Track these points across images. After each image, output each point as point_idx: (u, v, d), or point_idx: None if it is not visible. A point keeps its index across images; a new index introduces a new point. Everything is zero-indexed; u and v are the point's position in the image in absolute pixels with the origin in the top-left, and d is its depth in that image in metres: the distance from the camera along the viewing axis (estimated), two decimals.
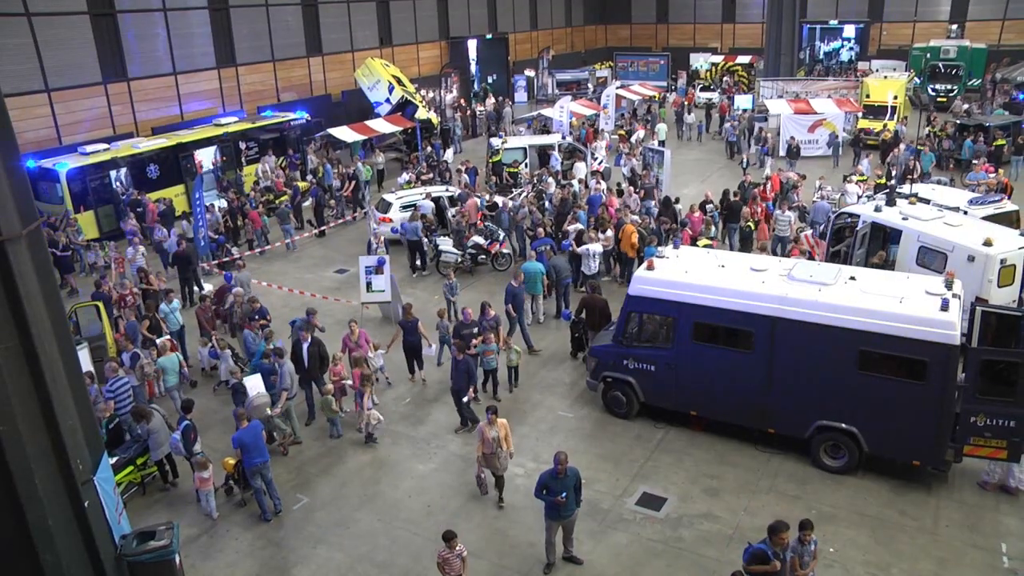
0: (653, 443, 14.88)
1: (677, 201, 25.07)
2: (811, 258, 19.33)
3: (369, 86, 39.23)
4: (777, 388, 13.90)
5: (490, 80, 55.52)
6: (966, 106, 44.95)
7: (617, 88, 44.98)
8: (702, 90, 50.77)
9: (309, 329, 16.05)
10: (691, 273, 14.68)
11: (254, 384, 14.86)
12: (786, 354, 13.67)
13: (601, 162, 31.76)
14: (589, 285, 18.82)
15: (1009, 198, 22.92)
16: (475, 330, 16.36)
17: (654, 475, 13.92)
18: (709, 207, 24.11)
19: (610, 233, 21.60)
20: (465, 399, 15.18)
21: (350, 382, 15.68)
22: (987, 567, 11.84)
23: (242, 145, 32.93)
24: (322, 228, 27.87)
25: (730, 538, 12.42)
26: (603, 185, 26.89)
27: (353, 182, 30.48)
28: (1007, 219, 19.88)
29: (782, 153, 34.60)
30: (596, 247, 20.77)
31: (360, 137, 34.96)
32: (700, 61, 57.89)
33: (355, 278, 21.05)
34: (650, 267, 14.99)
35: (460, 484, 14.00)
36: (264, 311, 18.09)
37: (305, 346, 15.72)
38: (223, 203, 27.54)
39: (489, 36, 55.76)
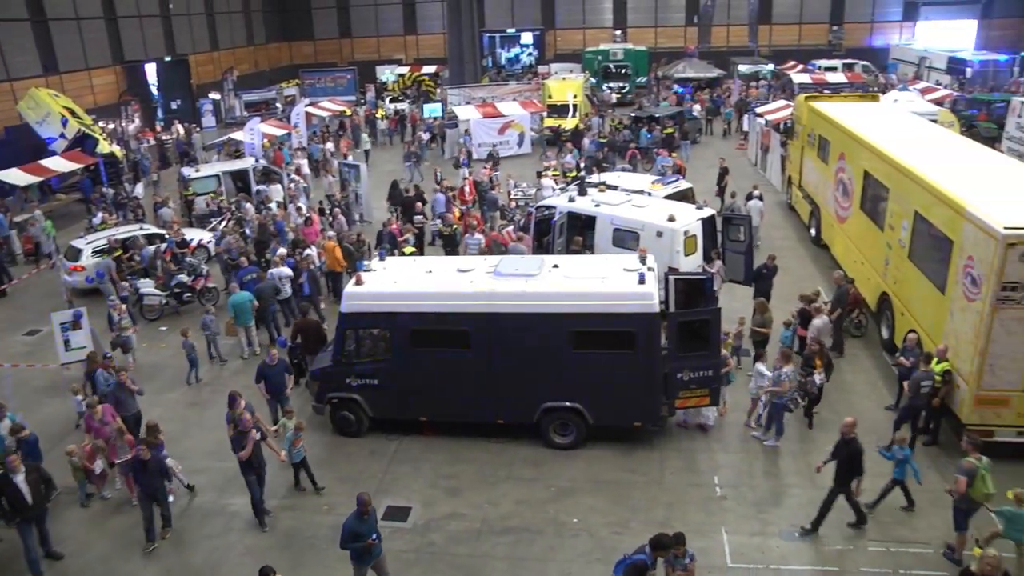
0: (388, 456, 14.62)
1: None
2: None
3: (38, 120, 34.61)
4: (500, 380, 14.21)
5: (174, 106, 51.95)
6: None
7: (306, 106, 44.16)
8: (391, 101, 51.13)
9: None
10: (400, 282, 14.63)
11: None
12: (503, 347, 14.01)
13: (299, 183, 30.90)
14: (300, 308, 18.17)
15: (683, 178, 25.34)
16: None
17: (395, 487, 13.68)
18: (418, 218, 24.25)
19: (310, 252, 20.96)
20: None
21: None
22: (705, 500, 13.14)
23: None
24: (2, 287, 24.43)
25: (479, 532, 12.55)
26: (303, 205, 26.18)
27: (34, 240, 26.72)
28: (684, 196, 21.96)
29: (476, 157, 35.55)
30: (284, 270, 19.72)
31: (35, 179, 30.83)
32: (387, 73, 58.42)
33: (50, 338, 18.56)
34: (359, 282, 14.70)
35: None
36: None
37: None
38: None
39: (168, 58, 52.25)
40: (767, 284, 18.23)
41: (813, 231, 25.14)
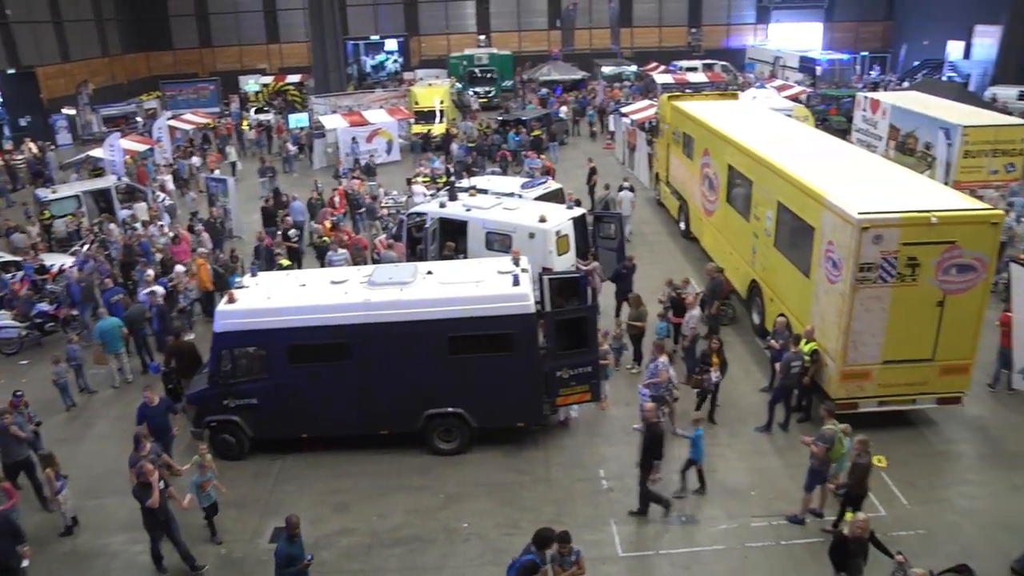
0: (273, 476, 14.31)
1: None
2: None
3: None
4: (381, 391, 14.17)
5: (23, 123, 48.64)
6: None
7: (168, 119, 42.62)
8: (257, 112, 49.87)
9: None
10: (274, 298, 14.35)
11: None
12: (382, 357, 13.97)
13: (164, 200, 29.82)
14: (174, 330, 17.58)
15: (553, 179, 25.82)
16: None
17: (281, 508, 13.32)
18: (293, 232, 23.84)
19: (179, 268, 20.27)
20: None
21: None
22: (593, 493, 13.50)
23: None
24: None
25: (370, 546, 12.48)
26: (165, 224, 25.28)
27: None
28: (555, 197, 22.37)
29: (346, 167, 34.96)
30: (157, 288, 19.08)
31: None
32: (251, 83, 57.00)
33: None
34: (231, 299, 14.34)
35: None
36: None
37: None
38: None
39: (12, 71, 48.81)
40: (627, 284, 18.67)
41: (682, 225, 26.09)
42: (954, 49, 60.88)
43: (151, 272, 20.05)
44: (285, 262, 20.79)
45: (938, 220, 13.48)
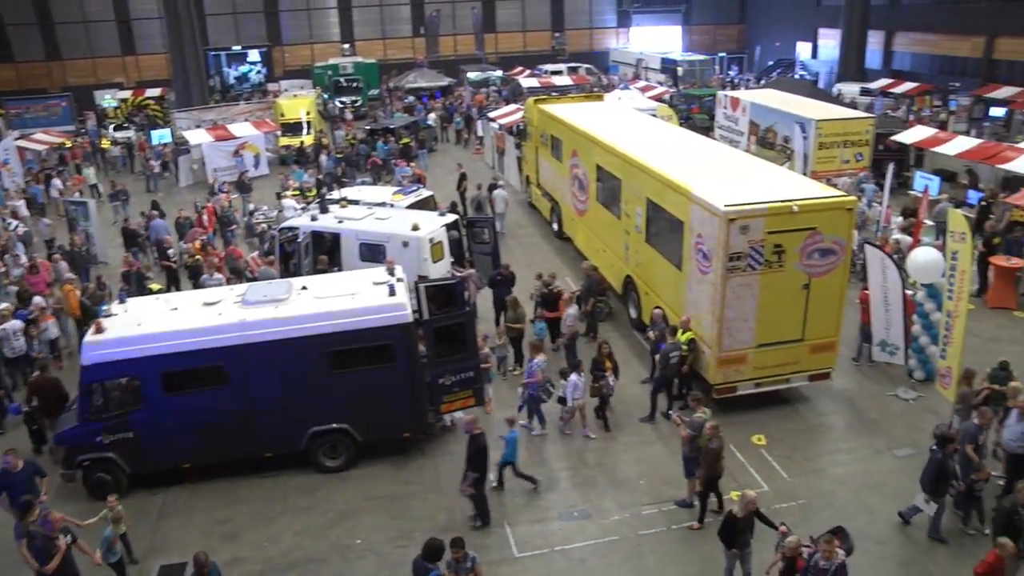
0: (155, 512, 13.74)
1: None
2: (252, 277, 19.74)
3: None
4: (262, 412, 13.89)
5: None
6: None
7: (16, 140, 40.28)
8: (116, 129, 47.62)
9: None
10: (145, 324, 13.80)
11: None
12: (261, 377, 13.71)
13: (17, 227, 28.17)
14: (38, 366, 16.64)
15: (424, 186, 25.88)
16: None
17: (166, 544, 12.92)
18: (171, 251, 23.07)
19: (38, 300, 19.23)
20: None
21: None
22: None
23: None
24: None
25: (262, 573, 12.22)
26: (20, 254, 23.98)
27: None
28: (427, 204, 22.47)
29: (221, 183, 33.92)
30: (14, 323, 17.78)
31: None
32: (107, 98, 54.33)
33: None
34: (99, 329, 13.69)
35: None
36: None
37: None
38: None
39: None
40: (504, 290, 18.81)
41: (555, 226, 26.61)
42: (803, 50, 65.71)
43: (5, 305, 18.88)
44: (155, 286, 20.05)
45: (799, 209, 14.41)
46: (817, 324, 15.35)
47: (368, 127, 41.55)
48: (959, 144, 28.58)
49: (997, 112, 42.63)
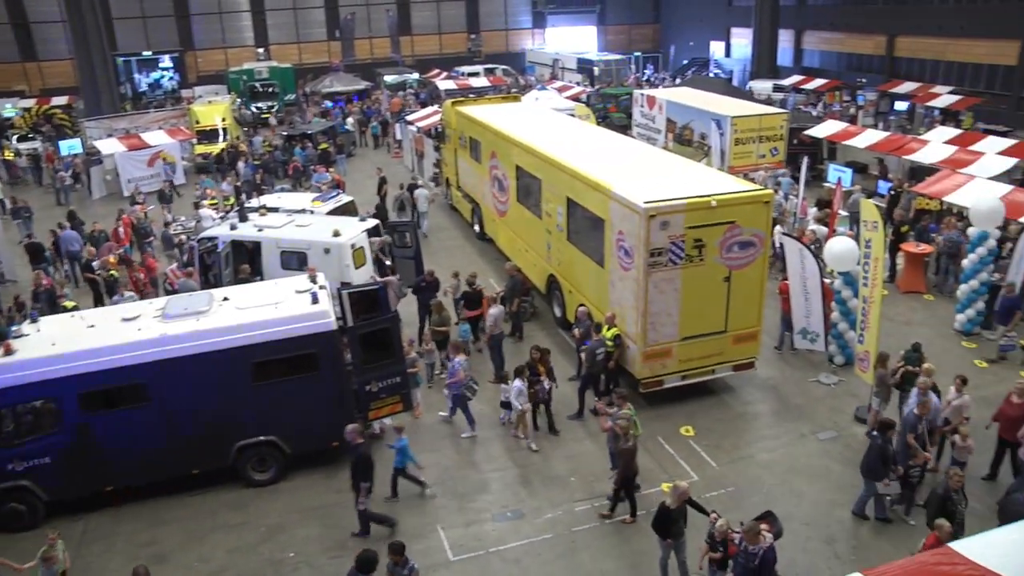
0: (76, 539, 13.12)
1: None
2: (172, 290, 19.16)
3: None
4: (186, 428, 13.53)
5: None
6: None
7: None
8: (20, 140, 45.37)
9: None
10: (60, 343, 13.25)
11: None
12: (184, 392, 13.35)
13: None
14: None
15: (343, 192, 25.60)
16: None
17: (90, 573, 12.44)
18: (96, 263, 22.17)
19: None
20: None
21: None
22: (417, 502, 13.63)
23: None
24: None
25: None
26: None
27: None
28: (347, 210, 22.22)
29: (126, 193, 32.90)
30: None
31: None
32: (8, 107, 51.98)
33: None
34: (8, 351, 13.04)
35: None
36: None
37: None
38: None
39: None
40: (427, 296, 18.64)
41: (477, 227, 26.62)
42: (717, 48, 67.35)
43: None
44: (69, 303, 19.32)
45: (717, 203, 14.71)
46: (739, 315, 15.72)
47: (286, 133, 40.91)
48: (868, 137, 29.69)
49: (901, 106, 44.61)
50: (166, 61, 63.10)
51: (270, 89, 53.32)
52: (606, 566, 12.01)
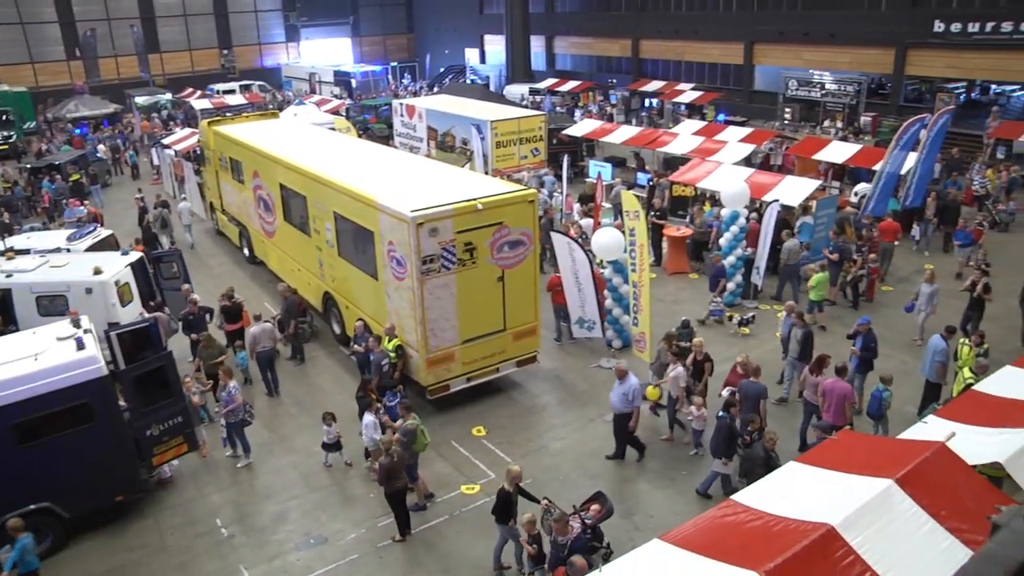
0: None
1: None
2: None
3: None
4: None
5: None
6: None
7: None
8: None
9: None
10: None
11: None
12: None
13: None
14: None
15: (102, 225, 23.95)
16: None
17: None
18: None
19: None
20: None
21: None
22: (215, 545, 12.92)
23: None
24: None
25: None
26: None
27: None
28: (108, 244, 20.85)
29: None
30: None
31: None
32: None
33: None
34: None
35: None
36: None
37: None
38: None
39: None
40: (197, 328, 17.89)
41: (246, 251, 25.77)
42: (472, 55, 69.00)
43: None
44: None
45: (483, 206, 15.15)
46: (517, 312, 16.30)
47: (29, 165, 37.43)
48: (623, 133, 31.77)
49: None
50: None
51: (4, 116, 48.37)
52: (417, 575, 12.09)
